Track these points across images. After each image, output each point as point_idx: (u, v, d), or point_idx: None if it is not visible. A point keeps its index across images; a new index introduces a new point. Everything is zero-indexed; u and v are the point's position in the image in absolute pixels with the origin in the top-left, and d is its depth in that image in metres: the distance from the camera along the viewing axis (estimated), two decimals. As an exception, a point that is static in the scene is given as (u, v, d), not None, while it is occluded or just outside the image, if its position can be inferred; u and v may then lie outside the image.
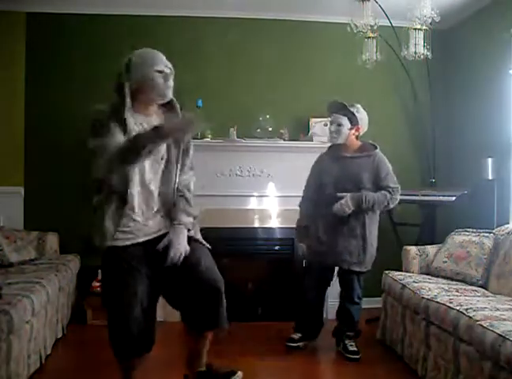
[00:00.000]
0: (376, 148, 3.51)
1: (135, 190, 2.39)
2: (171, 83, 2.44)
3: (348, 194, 3.33)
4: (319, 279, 3.57)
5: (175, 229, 2.45)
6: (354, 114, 3.43)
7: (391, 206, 3.44)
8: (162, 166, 2.48)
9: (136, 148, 2.23)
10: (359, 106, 3.55)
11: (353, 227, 3.40)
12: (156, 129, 2.21)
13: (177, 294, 2.48)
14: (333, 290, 3.75)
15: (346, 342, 3.50)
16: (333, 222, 3.41)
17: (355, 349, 3.46)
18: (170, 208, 2.51)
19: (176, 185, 2.52)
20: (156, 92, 2.41)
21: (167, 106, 2.52)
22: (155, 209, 2.46)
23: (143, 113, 2.44)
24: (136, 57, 2.42)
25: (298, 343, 3.61)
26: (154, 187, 2.46)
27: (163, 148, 2.45)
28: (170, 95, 2.46)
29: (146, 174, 2.42)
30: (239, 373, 2.57)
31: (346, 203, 3.31)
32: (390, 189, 3.38)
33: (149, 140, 2.22)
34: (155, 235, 2.46)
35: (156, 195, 2.46)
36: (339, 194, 3.34)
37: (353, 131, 3.47)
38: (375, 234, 3.50)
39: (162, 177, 2.48)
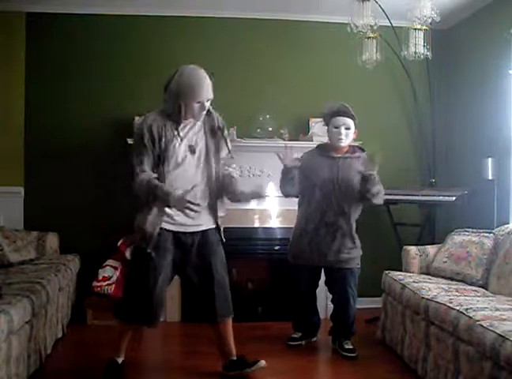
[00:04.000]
0: (364, 150, 3.52)
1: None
2: (205, 109, 2.77)
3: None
4: (308, 280, 3.57)
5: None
6: (355, 118, 3.44)
7: (380, 201, 3.37)
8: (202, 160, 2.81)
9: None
10: None
11: (339, 224, 3.37)
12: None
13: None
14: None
15: (341, 340, 3.51)
16: (319, 221, 3.39)
17: (350, 347, 3.46)
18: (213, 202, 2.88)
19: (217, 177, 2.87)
20: (191, 115, 2.78)
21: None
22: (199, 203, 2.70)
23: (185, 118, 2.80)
24: (185, 82, 2.68)
25: (299, 342, 3.64)
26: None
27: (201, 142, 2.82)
28: (202, 117, 2.81)
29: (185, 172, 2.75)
30: (263, 361, 2.95)
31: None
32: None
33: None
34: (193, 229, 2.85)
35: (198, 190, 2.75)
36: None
37: (354, 135, 3.49)
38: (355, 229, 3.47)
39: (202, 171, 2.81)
